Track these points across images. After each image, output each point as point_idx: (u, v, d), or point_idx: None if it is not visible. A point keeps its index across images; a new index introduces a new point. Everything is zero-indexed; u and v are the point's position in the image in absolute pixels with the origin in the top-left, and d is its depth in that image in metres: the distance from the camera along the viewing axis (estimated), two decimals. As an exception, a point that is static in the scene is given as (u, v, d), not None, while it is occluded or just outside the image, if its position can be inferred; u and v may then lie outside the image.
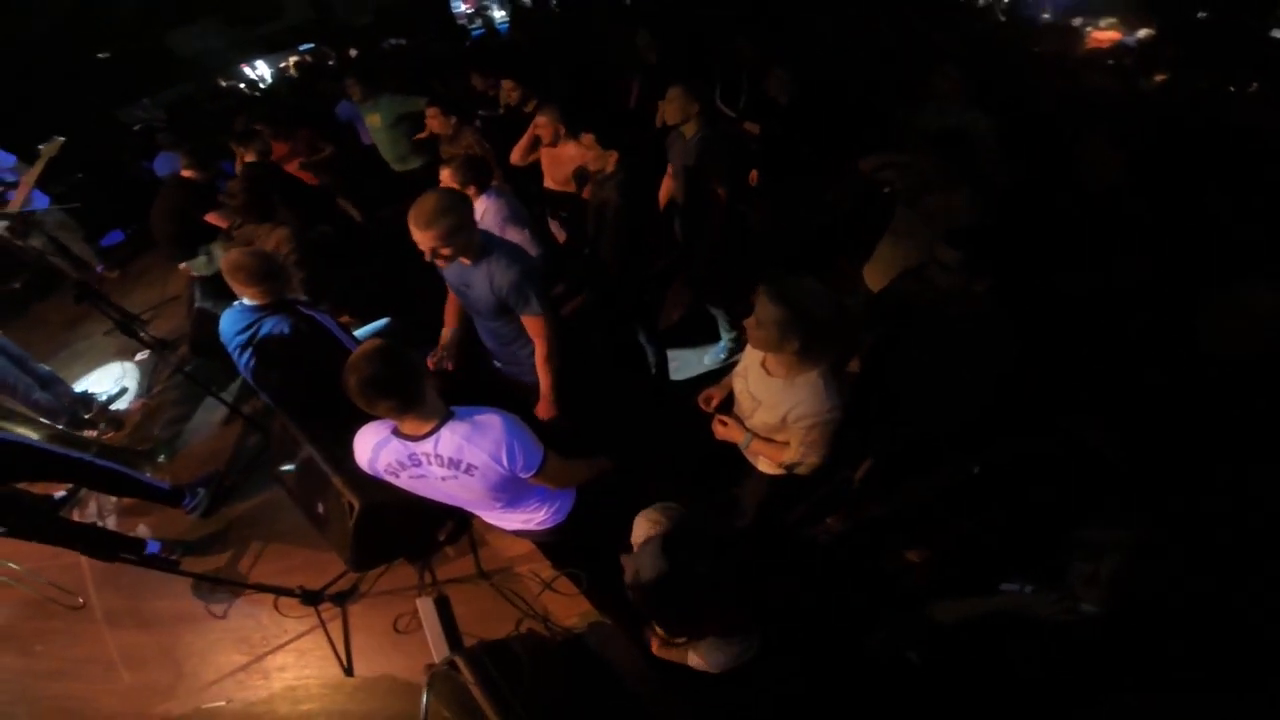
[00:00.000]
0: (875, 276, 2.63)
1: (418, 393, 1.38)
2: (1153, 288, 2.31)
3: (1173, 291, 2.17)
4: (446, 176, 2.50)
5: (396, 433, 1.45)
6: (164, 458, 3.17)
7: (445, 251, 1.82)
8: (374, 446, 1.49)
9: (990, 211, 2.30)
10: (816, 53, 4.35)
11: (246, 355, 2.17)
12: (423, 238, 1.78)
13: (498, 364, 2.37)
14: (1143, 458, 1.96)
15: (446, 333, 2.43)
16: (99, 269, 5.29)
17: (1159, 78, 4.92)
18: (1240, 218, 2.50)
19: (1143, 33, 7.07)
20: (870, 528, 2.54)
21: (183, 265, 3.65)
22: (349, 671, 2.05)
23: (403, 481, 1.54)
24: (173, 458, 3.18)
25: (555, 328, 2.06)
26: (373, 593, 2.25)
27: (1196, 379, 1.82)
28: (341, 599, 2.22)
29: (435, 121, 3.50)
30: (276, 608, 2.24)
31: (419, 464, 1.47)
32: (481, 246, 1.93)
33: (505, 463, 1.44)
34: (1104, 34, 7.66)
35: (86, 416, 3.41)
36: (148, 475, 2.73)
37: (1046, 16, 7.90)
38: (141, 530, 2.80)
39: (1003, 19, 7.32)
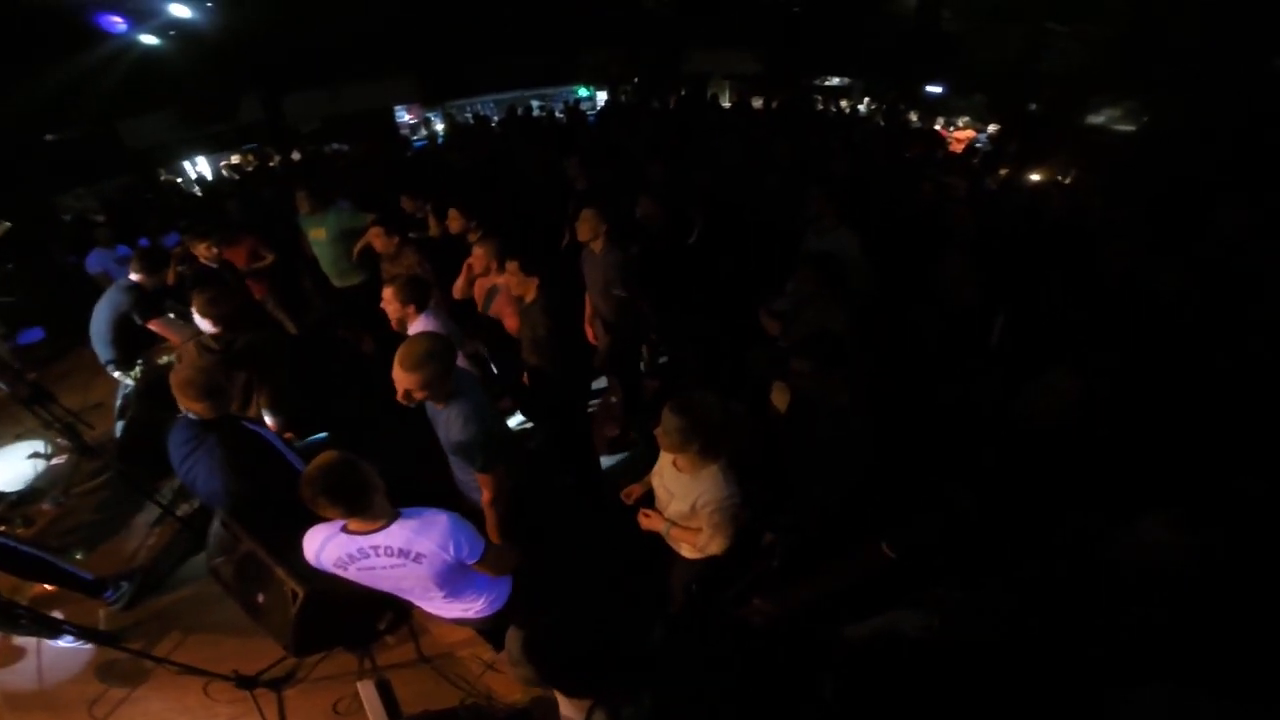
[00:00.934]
0: (780, 397, 3.05)
1: (366, 499, 1.58)
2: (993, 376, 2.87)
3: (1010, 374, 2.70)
4: (389, 295, 2.69)
5: (345, 529, 1.64)
6: (80, 555, 3.10)
7: (419, 396, 1.95)
8: (322, 542, 1.66)
9: (857, 323, 2.77)
10: (724, 176, 5.04)
11: (189, 465, 2.26)
12: (404, 379, 1.90)
13: (457, 478, 2.49)
14: (995, 520, 2.38)
15: None
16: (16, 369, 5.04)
17: (1002, 172, 5.91)
18: (1070, 303, 3.06)
19: (992, 128, 8.64)
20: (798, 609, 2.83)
21: (116, 373, 3.52)
22: None
23: (350, 573, 1.69)
24: (89, 554, 3.10)
25: (502, 482, 2.15)
26: (310, 678, 2.27)
27: (1023, 451, 2.32)
28: (277, 684, 2.22)
29: (379, 240, 3.63)
30: (206, 692, 2.21)
31: (366, 556, 1.64)
32: (450, 394, 2.04)
33: (451, 551, 1.66)
34: (962, 134, 9.27)
35: None
36: (69, 564, 2.70)
37: (914, 118, 9.52)
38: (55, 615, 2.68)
39: (881, 124, 8.71)
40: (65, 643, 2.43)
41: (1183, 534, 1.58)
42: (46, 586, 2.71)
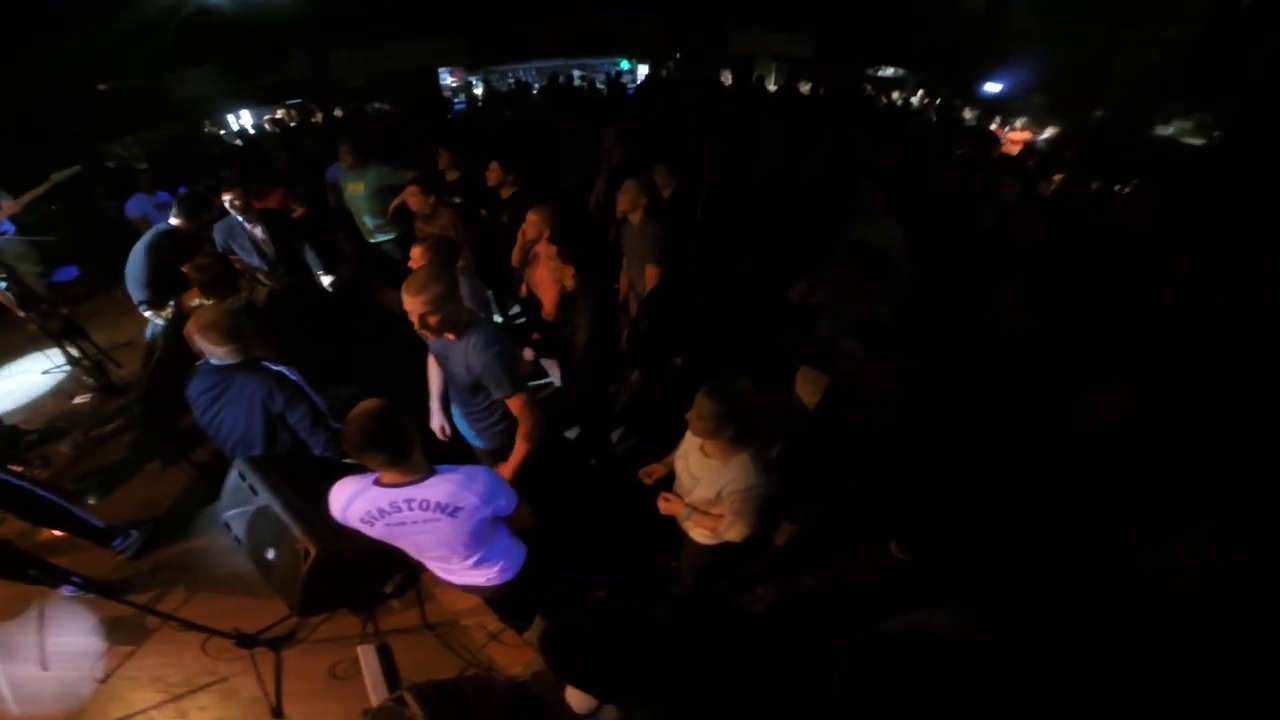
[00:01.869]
0: (805, 388, 2.96)
1: (408, 449, 1.56)
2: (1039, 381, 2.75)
3: (1053, 381, 2.57)
4: (417, 254, 2.69)
5: (378, 482, 1.61)
6: (94, 499, 3.10)
7: (432, 320, 1.95)
8: (351, 495, 1.63)
9: (900, 318, 2.69)
10: (765, 158, 4.88)
11: (214, 411, 2.27)
12: (413, 304, 1.92)
13: (461, 431, 2.53)
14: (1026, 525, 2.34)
15: (435, 401, 2.63)
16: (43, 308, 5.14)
17: (1057, 178, 5.59)
18: (1112, 314, 2.94)
19: (1050, 131, 8.23)
20: (802, 601, 2.79)
21: (148, 313, 3.61)
22: (278, 713, 2.05)
23: (376, 530, 1.66)
24: (103, 499, 3.11)
25: (534, 405, 2.16)
26: (311, 639, 2.26)
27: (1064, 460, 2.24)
28: (277, 644, 2.22)
29: (415, 199, 3.65)
30: (204, 649, 2.22)
31: (399, 510, 1.61)
32: (465, 324, 2.07)
33: (491, 505, 1.65)
34: (1018, 135, 8.85)
35: (12, 452, 3.33)
36: (82, 510, 2.69)
37: (969, 116, 9.11)
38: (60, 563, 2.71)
39: (934, 119, 8.37)
40: (66, 592, 2.41)
41: (1219, 552, 1.59)
42: (56, 532, 2.72)
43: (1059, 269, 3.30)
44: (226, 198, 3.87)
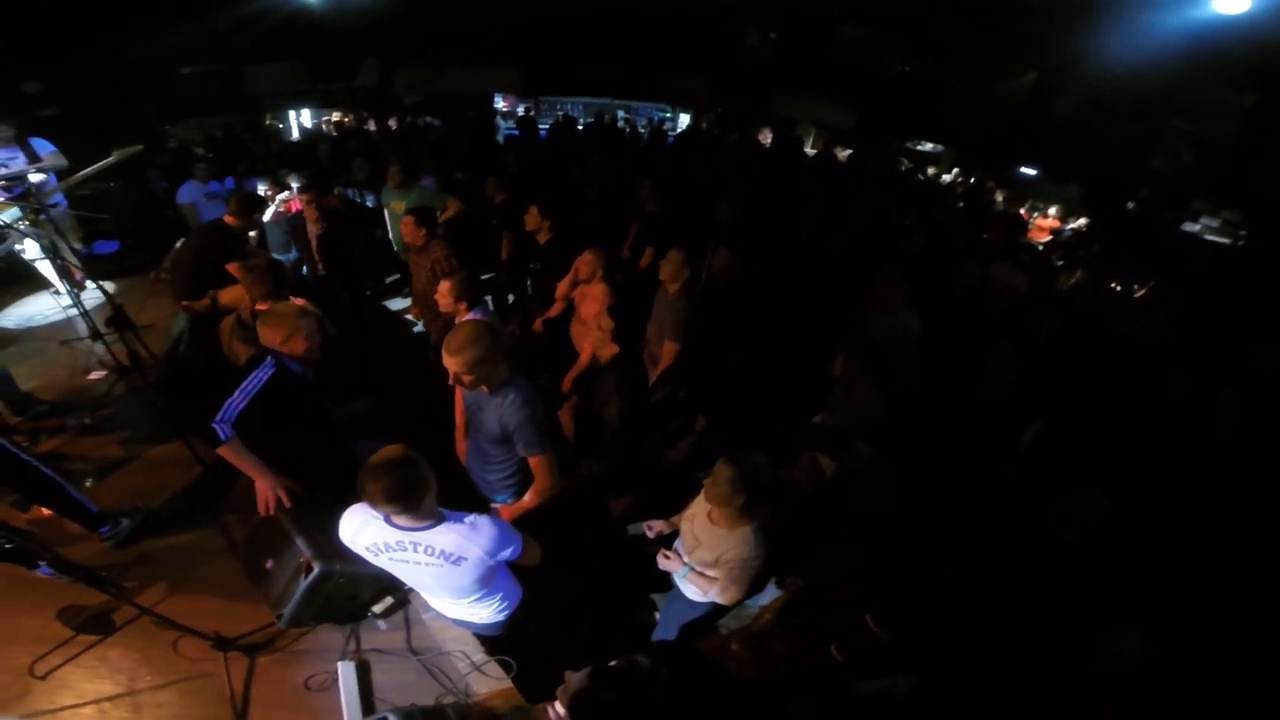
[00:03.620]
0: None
1: (420, 500, 1.58)
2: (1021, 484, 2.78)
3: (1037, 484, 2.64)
4: (444, 289, 2.83)
5: (389, 519, 1.64)
6: (90, 482, 3.01)
7: (467, 379, 2.03)
8: (362, 523, 1.69)
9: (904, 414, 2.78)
10: (792, 230, 4.99)
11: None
12: (451, 362, 2.00)
13: (473, 475, 2.57)
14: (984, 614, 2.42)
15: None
16: (77, 278, 4.96)
17: (1078, 274, 5.62)
18: (1110, 421, 2.97)
19: (1081, 222, 8.25)
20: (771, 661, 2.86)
21: (184, 302, 3.67)
22: (241, 717, 2.01)
23: (380, 560, 1.72)
24: (99, 483, 3.01)
25: (555, 468, 2.23)
26: (289, 649, 2.24)
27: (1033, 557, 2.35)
28: (253, 650, 2.20)
29: (408, 230, 3.70)
30: (176, 647, 2.15)
31: (405, 549, 1.66)
32: (503, 380, 2.13)
33: (497, 554, 1.70)
34: (1046, 222, 8.90)
35: (20, 419, 3.29)
36: (79, 492, 2.60)
37: (1000, 199, 9.15)
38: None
39: (961, 204, 8.39)
40: (42, 574, 2.23)
41: (1151, 646, 1.73)
42: (45, 511, 2.64)
43: (1062, 369, 3.34)
44: (303, 198, 4.03)
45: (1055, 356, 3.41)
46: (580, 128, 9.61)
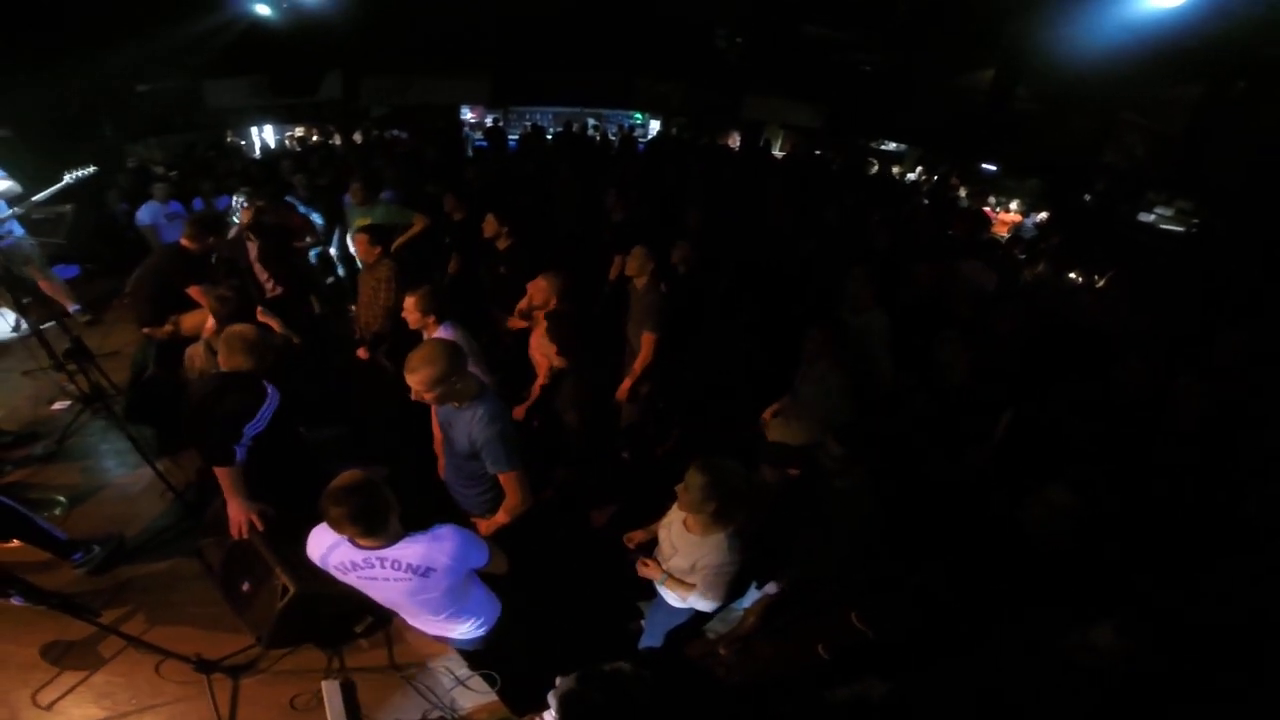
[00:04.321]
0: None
1: (383, 522, 1.61)
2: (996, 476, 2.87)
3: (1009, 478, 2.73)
4: (410, 304, 2.79)
5: (352, 541, 1.65)
6: (60, 510, 2.97)
7: (428, 396, 2.04)
8: (329, 545, 1.69)
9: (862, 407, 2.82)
10: (762, 230, 5.05)
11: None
12: (410, 380, 2.00)
13: (451, 490, 2.56)
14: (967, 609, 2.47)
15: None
16: (71, 309, 4.79)
17: (1040, 268, 5.86)
18: (1078, 414, 3.07)
19: (1042, 215, 8.49)
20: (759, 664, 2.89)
21: (146, 330, 3.59)
22: None
23: (350, 579, 1.72)
24: (68, 511, 2.97)
25: (526, 485, 2.23)
26: (273, 670, 2.23)
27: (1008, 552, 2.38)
28: (237, 671, 2.19)
29: (362, 247, 3.68)
30: (158, 671, 2.16)
31: (372, 566, 1.67)
32: (470, 395, 2.12)
33: (463, 562, 1.71)
34: (1009, 216, 9.18)
35: None
36: (44, 520, 2.58)
37: (963, 194, 9.41)
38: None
39: (925, 202, 8.62)
40: (16, 602, 2.22)
41: (1125, 638, 1.75)
42: (15, 543, 2.58)
43: (1030, 363, 3.44)
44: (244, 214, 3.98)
45: (1019, 349, 3.51)
46: (550, 137, 9.59)
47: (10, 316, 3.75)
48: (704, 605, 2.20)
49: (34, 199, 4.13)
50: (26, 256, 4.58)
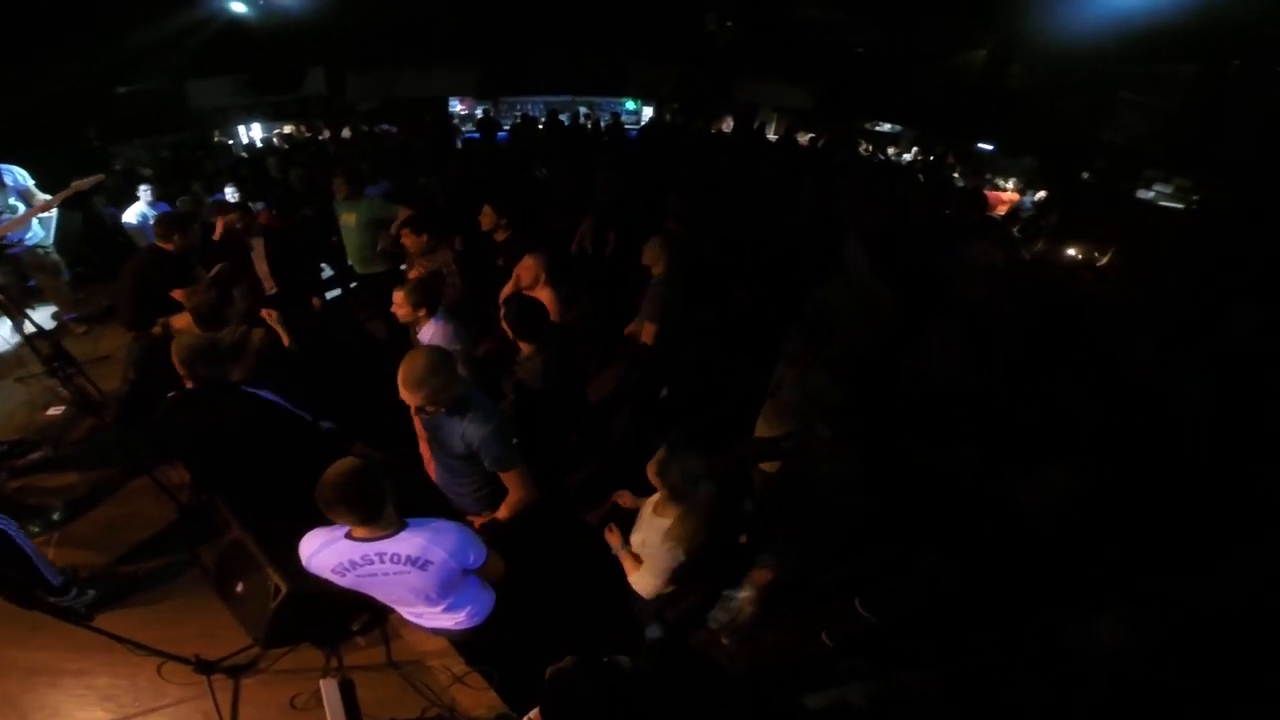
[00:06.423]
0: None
1: (380, 508, 1.59)
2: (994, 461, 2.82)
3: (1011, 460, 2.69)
4: (399, 299, 2.72)
5: (349, 535, 1.63)
6: (57, 516, 2.96)
7: (430, 410, 2.00)
8: (319, 546, 1.66)
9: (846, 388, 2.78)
10: (749, 212, 4.99)
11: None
12: (410, 397, 1.94)
13: (444, 492, 2.53)
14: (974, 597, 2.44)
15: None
16: (68, 318, 4.78)
17: (1039, 246, 5.86)
18: (1081, 395, 3.05)
19: (1040, 194, 8.43)
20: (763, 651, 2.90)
21: (135, 334, 3.53)
22: None
23: (348, 580, 1.69)
24: (64, 521, 2.96)
25: (528, 480, 2.20)
26: (272, 669, 2.23)
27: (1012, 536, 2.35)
28: (236, 672, 2.19)
29: (408, 240, 3.65)
30: (160, 673, 2.17)
31: (370, 563, 1.64)
32: (460, 400, 2.08)
33: (460, 558, 1.70)
34: (1006, 195, 9.08)
35: None
36: (46, 562, 2.45)
37: (957, 175, 9.32)
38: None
39: (921, 179, 8.53)
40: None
41: (1129, 633, 1.76)
42: None
43: (1033, 342, 3.40)
44: (231, 217, 3.93)
45: (1019, 328, 3.48)
46: (541, 126, 9.47)
47: (6, 324, 3.68)
48: (640, 587, 2.27)
49: (39, 204, 4.11)
50: (40, 264, 4.51)
